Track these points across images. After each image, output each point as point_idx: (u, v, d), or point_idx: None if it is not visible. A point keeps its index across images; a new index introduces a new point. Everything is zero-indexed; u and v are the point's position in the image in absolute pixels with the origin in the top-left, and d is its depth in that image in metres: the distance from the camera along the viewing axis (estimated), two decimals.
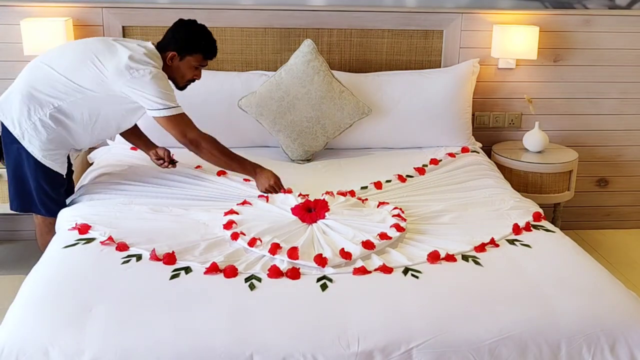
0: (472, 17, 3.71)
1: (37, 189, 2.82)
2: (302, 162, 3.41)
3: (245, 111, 3.41)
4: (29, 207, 2.88)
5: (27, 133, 2.74)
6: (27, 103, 2.73)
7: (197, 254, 2.37)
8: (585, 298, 2.16)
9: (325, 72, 3.38)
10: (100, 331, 1.95)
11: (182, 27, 2.91)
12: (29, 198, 2.85)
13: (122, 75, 2.70)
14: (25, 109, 2.73)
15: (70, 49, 2.88)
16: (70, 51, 2.84)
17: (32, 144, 2.75)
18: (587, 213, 4.13)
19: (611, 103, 3.95)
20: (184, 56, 2.87)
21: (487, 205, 2.85)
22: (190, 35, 2.88)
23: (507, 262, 2.37)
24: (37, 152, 2.76)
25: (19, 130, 2.74)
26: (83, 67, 2.73)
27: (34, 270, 2.33)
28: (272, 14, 3.60)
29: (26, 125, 2.73)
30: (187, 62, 2.88)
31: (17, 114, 2.74)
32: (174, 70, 2.88)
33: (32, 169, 2.79)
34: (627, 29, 3.82)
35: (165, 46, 2.87)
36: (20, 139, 2.75)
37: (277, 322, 2.01)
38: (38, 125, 2.73)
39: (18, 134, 2.75)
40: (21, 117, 2.74)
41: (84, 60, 2.74)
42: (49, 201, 2.85)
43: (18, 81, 2.81)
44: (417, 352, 1.97)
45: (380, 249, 2.43)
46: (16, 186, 2.85)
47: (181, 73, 2.90)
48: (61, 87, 2.73)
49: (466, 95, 3.61)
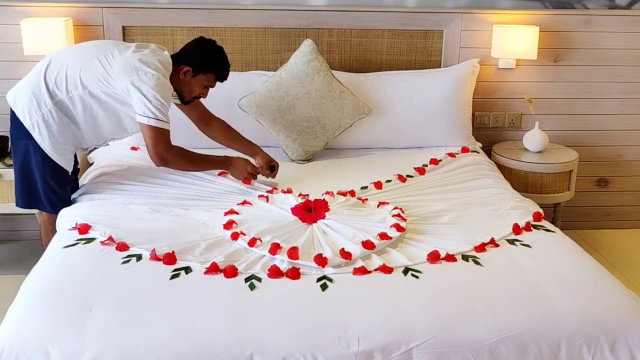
0: (472, 17, 3.71)
1: (44, 186, 2.84)
2: (302, 162, 3.41)
3: (245, 111, 3.41)
4: (35, 204, 2.90)
5: (38, 124, 2.78)
6: (36, 94, 2.78)
7: (197, 254, 2.37)
8: (585, 298, 2.16)
9: (325, 72, 3.38)
10: (100, 331, 1.95)
11: (201, 45, 2.93)
12: (35, 195, 2.87)
13: (129, 74, 2.71)
14: (35, 99, 2.77)
15: (84, 45, 2.94)
16: (84, 47, 2.91)
17: (42, 135, 2.78)
18: (587, 213, 4.13)
19: (611, 103, 3.95)
20: (197, 73, 2.88)
21: (487, 205, 2.85)
22: (208, 54, 2.91)
23: (507, 262, 2.37)
24: (47, 144, 2.79)
25: (29, 121, 2.78)
26: (90, 64, 2.77)
27: (34, 270, 2.33)
28: (272, 14, 3.60)
29: (37, 117, 2.77)
30: (198, 80, 2.90)
31: (27, 104, 2.78)
32: (184, 84, 2.90)
33: (39, 165, 2.81)
34: (627, 29, 3.82)
35: (182, 59, 2.88)
36: (31, 130, 2.77)
37: (277, 322, 2.01)
38: (47, 117, 2.77)
39: (29, 125, 2.78)
40: (31, 107, 2.77)
41: (92, 57, 2.79)
42: (55, 198, 2.87)
43: (32, 72, 2.85)
44: (417, 352, 1.97)
45: (381, 249, 2.43)
46: (22, 183, 2.87)
47: (190, 89, 2.92)
48: (65, 81, 2.77)
49: (466, 95, 3.61)
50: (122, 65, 2.74)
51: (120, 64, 2.75)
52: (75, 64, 2.79)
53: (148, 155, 2.85)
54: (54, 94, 2.77)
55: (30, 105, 2.77)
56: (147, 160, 3.16)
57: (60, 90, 2.77)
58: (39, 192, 2.85)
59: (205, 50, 2.92)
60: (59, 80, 2.77)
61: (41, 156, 2.80)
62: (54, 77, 2.78)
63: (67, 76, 2.77)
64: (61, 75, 2.77)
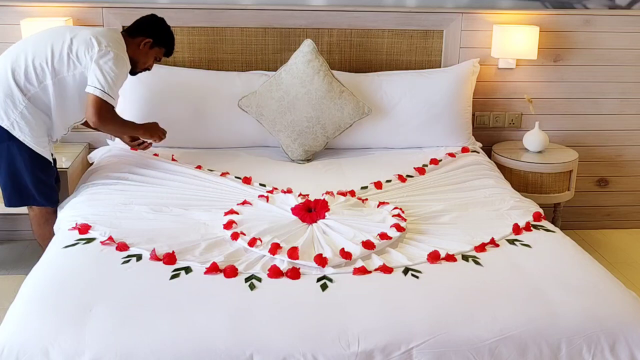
0: (472, 17, 3.71)
1: (34, 181, 2.88)
2: (302, 162, 3.41)
3: (245, 111, 3.41)
4: (28, 200, 2.93)
5: (17, 123, 2.81)
6: (9, 94, 2.81)
7: (197, 254, 2.37)
8: (585, 298, 2.16)
9: (325, 72, 3.38)
10: (101, 331, 1.95)
11: (159, 21, 3.12)
12: (27, 192, 2.90)
13: (90, 50, 2.83)
14: (9, 100, 2.81)
15: (37, 36, 2.96)
16: (38, 37, 2.95)
17: (24, 132, 2.82)
18: (587, 213, 4.13)
19: (611, 103, 3.95)
20: (154, 46, 3.05)
21: (487, 205, 2.85)
22: (165, 29, 3.11)
23: (507, 262, 2.37)
24: (30, 140, 2.83)
25: (7, 122, 2.81)
26: (54, 49, 2.85)
27: (34, 270, 2.33)
28: (272, 14, 3.60)
29: (14, 116, 2.81)
30: (154, 52, 3.08)
31: (2, 106, 2.80)
32: (141, 54, 3.04)
33: (26, 161, 2.85)
34: (627, 29, 3.82)
35: (140, 32, 3.04)
36: (12, 129, 2.80)
37: (277, 322, 2.01)
38: (24, 113, 2.81)
39: (8, 125, 2.81)
40: (7, 108, 2.81)
41: (53, 43, 2.87)
42: (46, 189, 2.92)
43: None
44: (417, 352, 1.97)
45: (381, 249, 2.43)
46: (12, 184, 2.89)
47: (144, 60, 3.07)
48: (35, 74, 2.82)
49: (466, 95, 3.61)
50: (83, 43, 2.85)
51: (81, 43, 2.85)
52: (39, 53, 2.84)
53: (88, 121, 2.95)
54: (26, 90, 2.82)
55: (5, 107, 2.80)
56: (147, 161, 3.17)
57: (32, 84, 2.82)
58: (29, 188, 2.89)
59: (162, 25, 3.11)
60: (28, 75, 2.82)
61: (27, 153, 2.84)
62: (22, 73, 2.82)
63: (35, 68, 2.83)
64: (29, 69, 2.82)
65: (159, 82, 3.43)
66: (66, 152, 3.43)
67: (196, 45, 3.61)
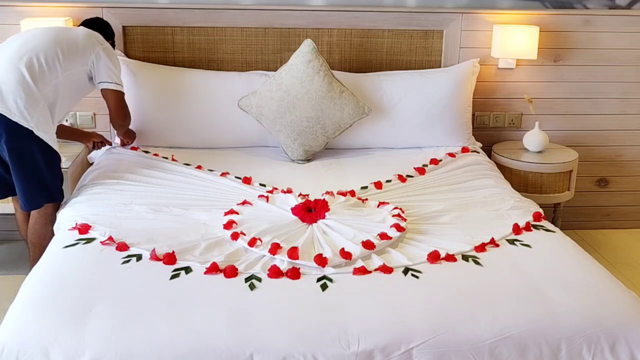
0: (472, 17, 3.71)
1: (54, 177, 2.94)
2: (302, 162, 3.41)
3: (245, 111, 3.41)
4: (53, 197, 2.95)
5: (39, 122, 2.81)
6: (30, 94, 2.80)
7: (197, 254, 2.37)
8: (585, 298, 2.16)
9: (325, 72, 3.37)
10: (100, 331, 1.95)
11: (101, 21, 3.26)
12: (52, 189, 2.94)
13: (95, 43, 2.99)
14: (31, 99, 2.79)
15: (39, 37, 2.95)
16: (39, 32, 2.98)
17: (45, 131, 2.83)
18: (587, 213, 4.13)
19: (611, 103, 3.95)
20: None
21: (487, 205, 2.85)
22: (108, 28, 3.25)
23: (507, 262, 2.37)
24: (50, 138, 2.86)
25: (32, 122, 2.79)
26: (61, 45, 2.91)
27: (34, 270, 2.33)
28: (272, 14, 3.60)
29: (37, 115, 2.81)
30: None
31: (24, 106, 2.77)
32: None
33: (47, 159, 2.88)
34: (627, 29, 3.82)
35: (107, 33, 3.19)
36: (35, 130, 2.79)
37: (277, 322, 2.01)
38: (43, 111, 2.83)
39: (32, 125, 2.79)
40: (29, 108, 2.79)
41: (58, 39, 2.93)
42: (60, 184, 2.99)
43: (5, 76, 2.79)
44: (417, 352, 1.97)
45: (381, 249, 2.43)
46: (37, 184, 2.87)
47: None
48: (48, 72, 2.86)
49: (466, 95, 3.61)
50: (85, 38, 2.98)
51: (83, 38, 2.98)
52: (48, 49, 2.88)
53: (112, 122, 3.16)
54: (42, 89, 2.84)
55: (28, 107, 2.78)
56: (147, 161, 3.17)
57: (46, 83, 2.86)
58: (51, 185, 2.92)
59: (106, 24, 3.25)
60: (43, 74, 2.85)
61: (47, 151, 2.86)
62: (37, 73, 2.83)
63: (48, 66, 2.86)
64: (43, 67, 2.85)
65: (158, 82, 3.43)
66: (66, 152, 3.42)
67: (196, 45, 3.61)
